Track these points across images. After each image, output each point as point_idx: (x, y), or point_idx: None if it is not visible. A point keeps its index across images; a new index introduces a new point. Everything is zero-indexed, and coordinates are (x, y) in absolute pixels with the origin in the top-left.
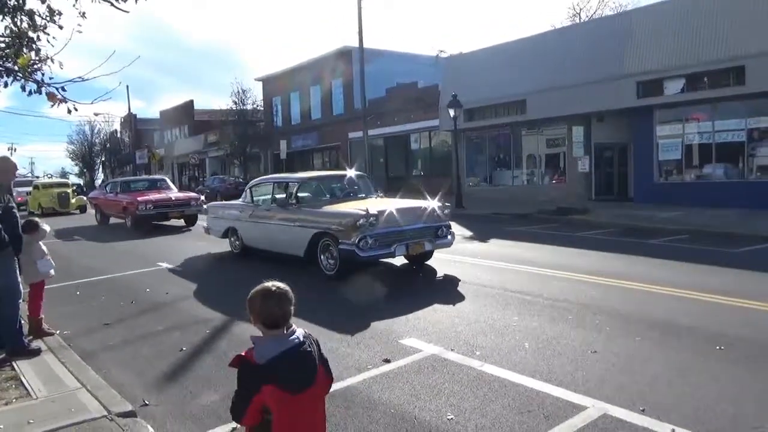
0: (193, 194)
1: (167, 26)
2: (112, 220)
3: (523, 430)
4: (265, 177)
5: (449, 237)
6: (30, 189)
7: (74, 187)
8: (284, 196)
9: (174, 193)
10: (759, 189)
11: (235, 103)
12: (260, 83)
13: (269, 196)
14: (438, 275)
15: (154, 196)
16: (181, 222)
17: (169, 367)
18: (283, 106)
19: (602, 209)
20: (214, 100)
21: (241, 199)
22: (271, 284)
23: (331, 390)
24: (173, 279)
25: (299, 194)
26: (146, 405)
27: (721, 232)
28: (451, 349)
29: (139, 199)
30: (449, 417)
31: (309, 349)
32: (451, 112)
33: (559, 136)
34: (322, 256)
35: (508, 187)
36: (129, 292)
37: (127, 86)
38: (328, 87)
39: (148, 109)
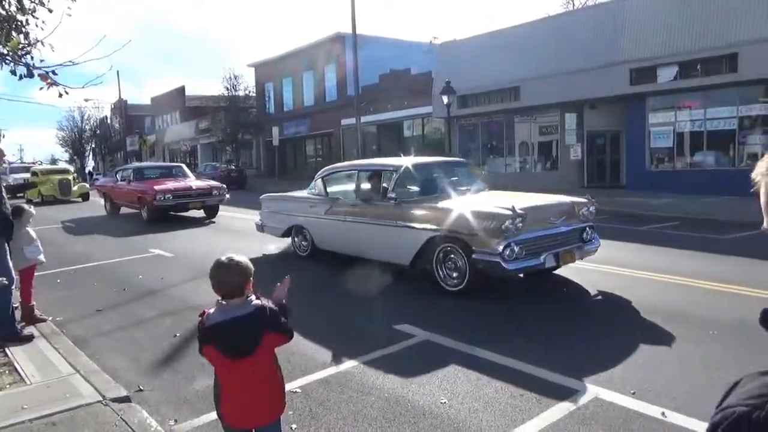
0: (215, 183)
1: (160, 13)
2: (123, 210)
3: (516, 412)
4: (342, 164)
5: (595, 241)
6: (28, 176)
7: (75, 174)
8: (370, 187)
9: (193, 182)
10: (748, 177)
11: (227, 89)
12: (252, 69)
13: (352, 188)
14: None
15: (172, 184)
16: (201, 213)
17: (162, 353)
18: (275, 92)
19: (594, 196)
20: (206, 86)
21: (307, 191)
22: (225, 257)
23: (326, 375)
24: (177, 267)
25: (399, 187)
26: (141, 390)
27: (711, 219)
28: (444, 335)
29: (156, 188)
30: (443, 401)
31: (254, 321)
32: (445, 99)
33: (551, 123)
34: (440, 267)
35: (501, 174)
36: (123, 279)
37: (118, 72)
38: (320, 73)
39: (139, 95)
